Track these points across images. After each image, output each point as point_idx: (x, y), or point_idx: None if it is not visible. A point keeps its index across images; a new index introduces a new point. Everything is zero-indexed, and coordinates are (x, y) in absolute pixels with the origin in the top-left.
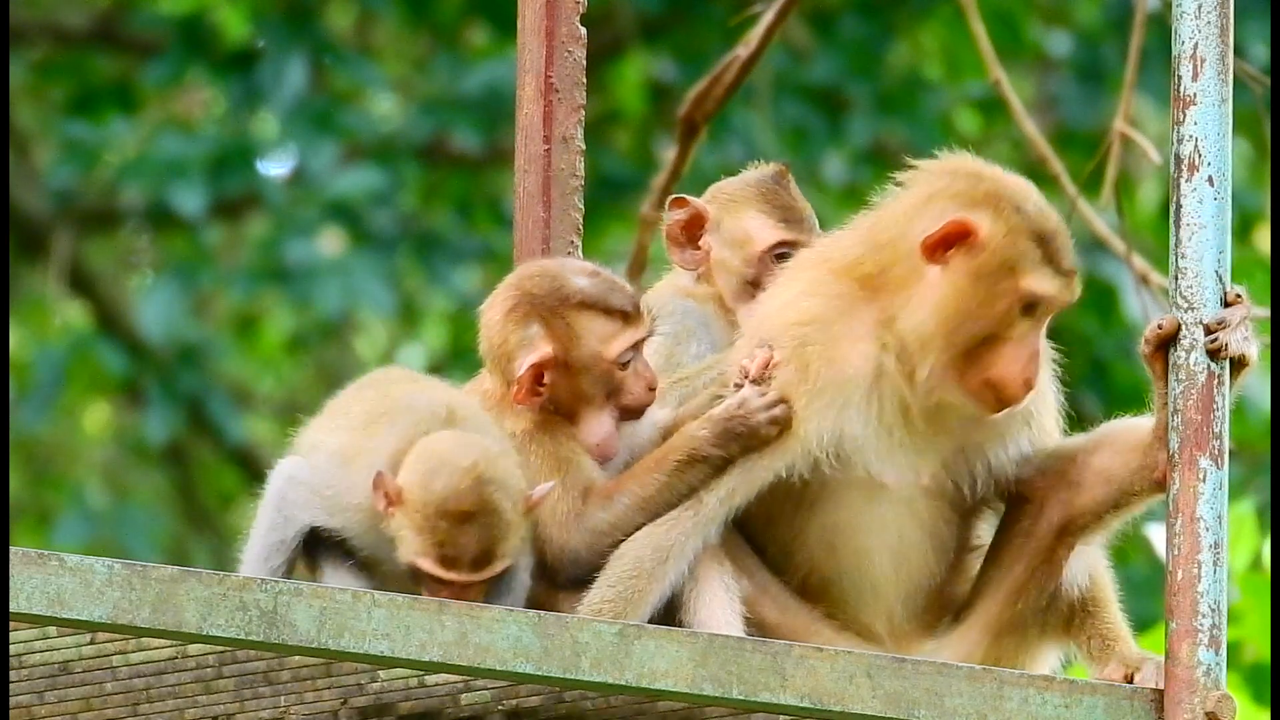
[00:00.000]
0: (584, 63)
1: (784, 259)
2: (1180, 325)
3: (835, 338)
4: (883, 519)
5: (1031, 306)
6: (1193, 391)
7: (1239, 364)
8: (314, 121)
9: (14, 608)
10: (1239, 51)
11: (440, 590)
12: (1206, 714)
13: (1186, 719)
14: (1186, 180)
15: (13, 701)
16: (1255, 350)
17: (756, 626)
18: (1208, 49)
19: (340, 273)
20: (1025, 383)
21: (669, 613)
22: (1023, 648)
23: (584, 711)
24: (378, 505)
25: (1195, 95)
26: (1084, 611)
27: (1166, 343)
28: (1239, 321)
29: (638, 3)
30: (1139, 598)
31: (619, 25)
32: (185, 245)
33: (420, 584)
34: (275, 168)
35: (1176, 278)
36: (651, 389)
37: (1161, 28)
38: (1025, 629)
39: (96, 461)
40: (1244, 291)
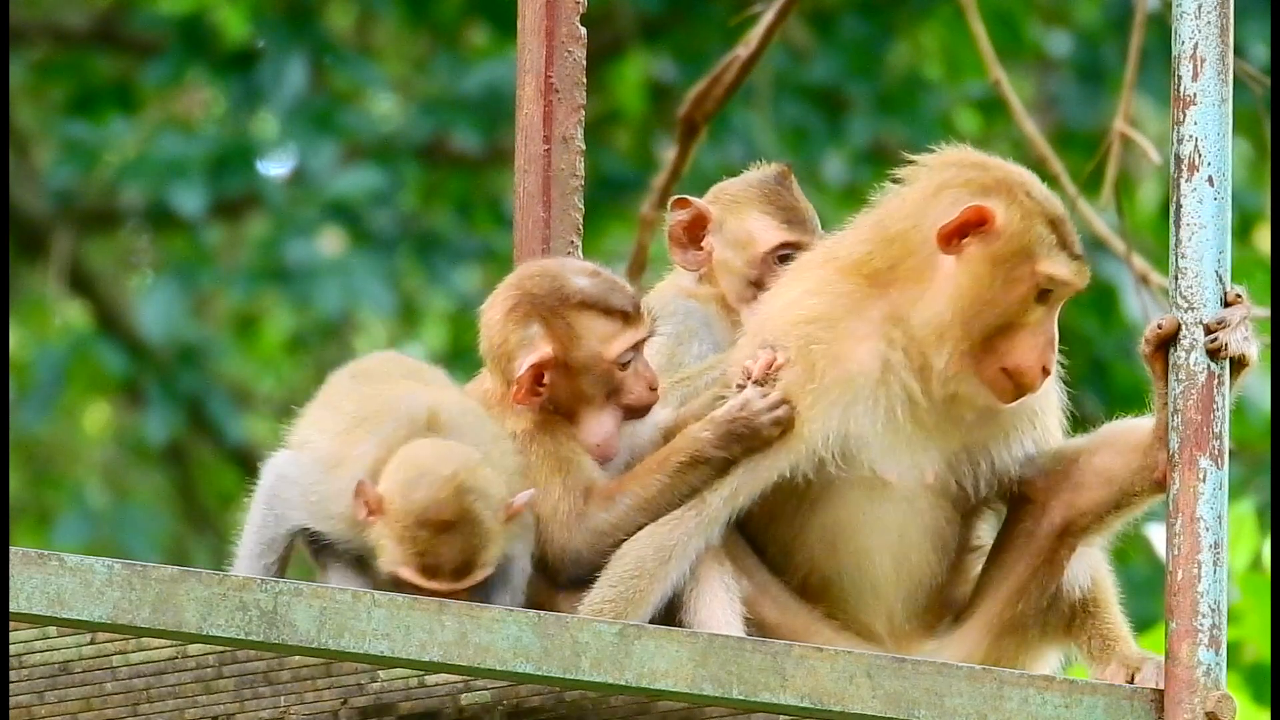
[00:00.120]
0: (584, 63)
1: (787, 260)
2: (1180, 325)
3: (841, 335)
4: (884, 518)
5: (1046, 292)
6: (1193, 391)
7: (1239, 364)
8: (314, 121)
9: (14, 608)
10: (1239, 51)
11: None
12: (1206, 714)
13: (1186, 719)
14: (1186, 180)
15: (13, 701)
16: (1255, 350)
17: (757, 626)
18: (1208, 49)
19: (340, 273)
20: (1043, 369)
21: (669, 613)
22: (1023, 648)
23: (584, 711)
24: (359, 515)
25: (1195, 95)
26: (1085, 612)
27: (1166, 343)
28: (1239, 321)
29: (638, 3)
30: (1139, 598)
31: (619, 25)
32: (185, 245)
33: (403, 591)
34: (275, 168)
35: (1176, 278)
36: (653, 389)
37: (1161, 28)
38: (1026, 629)
39: (96, 461)
40: (1244, 291)
